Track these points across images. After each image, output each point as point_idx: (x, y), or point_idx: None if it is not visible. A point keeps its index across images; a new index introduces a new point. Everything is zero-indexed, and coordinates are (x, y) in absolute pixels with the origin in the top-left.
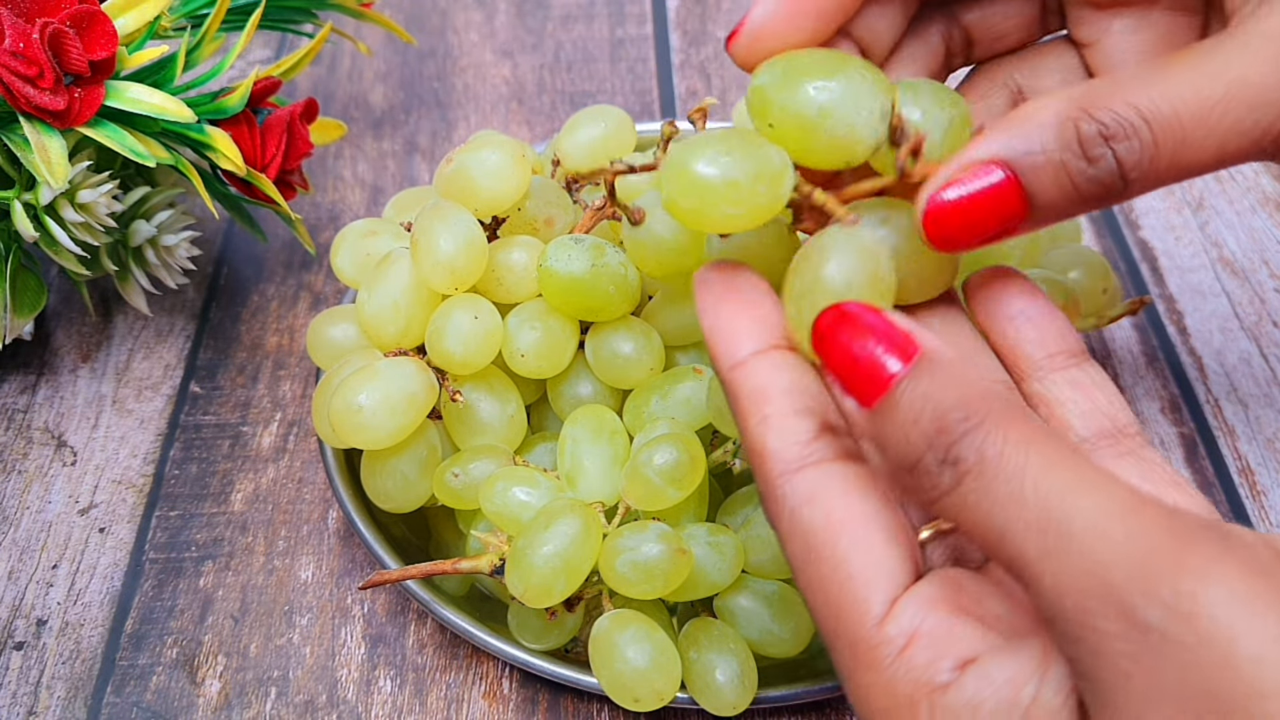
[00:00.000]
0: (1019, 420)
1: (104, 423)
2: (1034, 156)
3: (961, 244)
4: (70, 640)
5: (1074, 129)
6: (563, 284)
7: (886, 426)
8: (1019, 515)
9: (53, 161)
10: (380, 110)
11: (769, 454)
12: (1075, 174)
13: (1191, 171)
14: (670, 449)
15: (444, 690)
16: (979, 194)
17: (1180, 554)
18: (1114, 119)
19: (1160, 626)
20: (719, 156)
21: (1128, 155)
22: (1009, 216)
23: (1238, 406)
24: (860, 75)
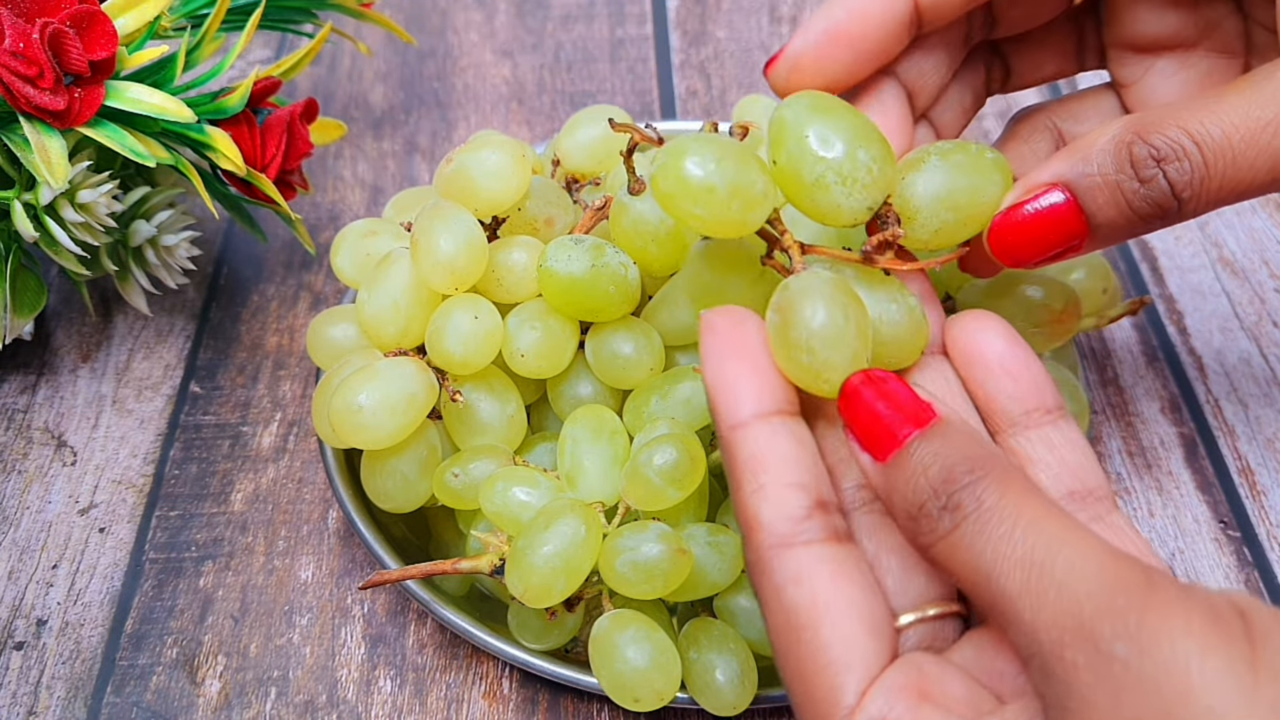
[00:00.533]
0: (1018, 479)
1: (104, 423)
2: (1091, 178)
3: (1025, 259)
4: (70, 640)
5: (1127, 152)
6: (562, 284)
7: (897, 478)
8: (1007, 555)
9: (53, 161)
10: (380, 110)
11: (760, 525)
12: (1129, 194)
13: (1247, 192)
14: (670, 449)
15: (444, 690)
16: (1040, 212)
17: (1146, 594)
18: (1164, 142)
19: (1124, 657)
20: (709, 160)
21: (1179, 176)
22: (1069, 234)
23: (1237, 406)
24: (869, 159)
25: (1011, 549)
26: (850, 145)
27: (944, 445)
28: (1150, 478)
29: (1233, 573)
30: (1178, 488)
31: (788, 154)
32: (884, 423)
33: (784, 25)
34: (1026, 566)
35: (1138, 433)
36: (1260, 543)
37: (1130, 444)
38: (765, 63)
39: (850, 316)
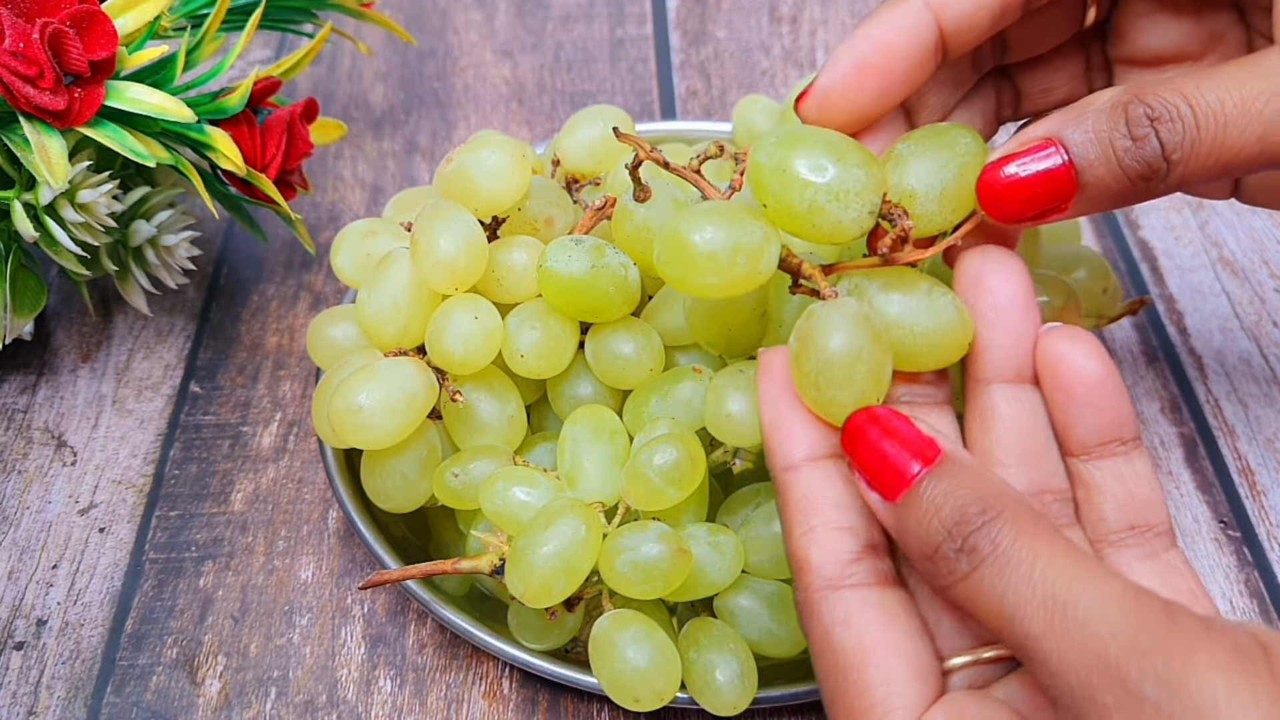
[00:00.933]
0: (1030, 517)
1: (104, 423)
2: (1085, 132)
3: (1012, 214)
4: (70, 640)
5: (1123, 110)
6: (562, 285)
7: (908, 518)
8: (1028, 598)
9: (53, 161)
10: (380, 110)
11: (810, 568)
12: (1120, 151)
13: (1234, 162)
14: (670, 449)
15: (444, 690)
16: (1031, 168)
17: (1169, 632)
18: (1159, 101)
19: (1154, 699)
20: (706, 227)
21: (1170, 136)
22: (1058, 193)
23: (1237, 406)
24: (851, 168)
25: (1032, 591)
26: (830, 163)
27: (954, 484)
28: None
29: (1233, 573)
30: (1178, 488)
31: (773, 194)
32: (891, 461)
33: (784, 25)
34: (1048, 608)
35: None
36: (1260, 543)
37: None
38: (795, 100)
39: (863, 353)
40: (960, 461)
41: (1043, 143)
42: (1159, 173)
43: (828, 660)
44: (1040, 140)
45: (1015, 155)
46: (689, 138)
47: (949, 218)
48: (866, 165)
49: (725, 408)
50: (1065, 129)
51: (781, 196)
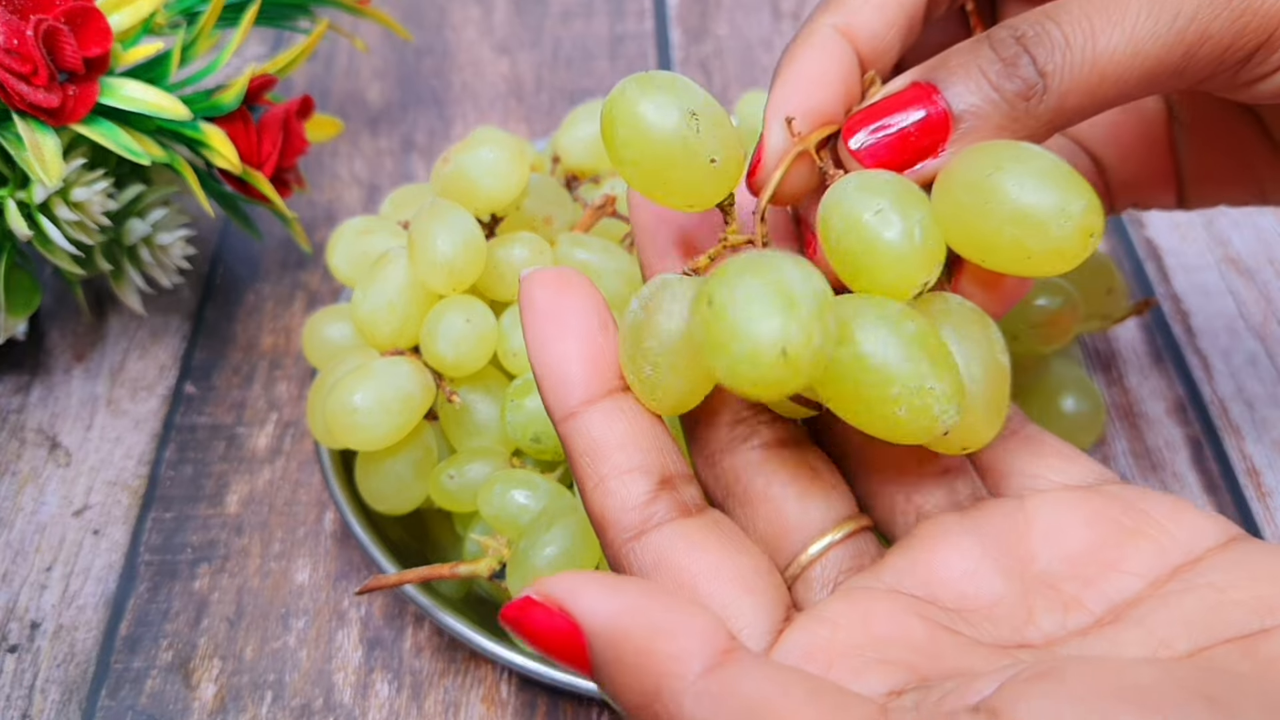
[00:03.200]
0: (699, 696)
1: (98, 423)
2: (951, 70)
3: (885, 165)
4: (64, 643)
5: (986, 39)
6: (646, 144)
7: None
8: None
9: (46, 159)
10: (377, 107)
11: (609, 522)
12: (991, 74)
13: (1114, 74)
14: None
15: (442, 694)
16: (904, 120)
17: None
18: (1023, 22)
19: None
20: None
21: (1040, 50)
22: (934, 136)
23: (1244, 407)
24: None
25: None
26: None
27: (611, 685)
28: (1156, 479)
29: None
30: (1184, 490)
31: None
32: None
33: (785, 21)
34: None
35: (1143, 434)
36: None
37: (1136, 445)
38: (747, 175)
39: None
40: (603, 656)
41: (912, 89)
42: (1035, 88)
43: None
44: (908, 87)
45: (884, 107)
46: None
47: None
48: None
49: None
50: (932, 71)
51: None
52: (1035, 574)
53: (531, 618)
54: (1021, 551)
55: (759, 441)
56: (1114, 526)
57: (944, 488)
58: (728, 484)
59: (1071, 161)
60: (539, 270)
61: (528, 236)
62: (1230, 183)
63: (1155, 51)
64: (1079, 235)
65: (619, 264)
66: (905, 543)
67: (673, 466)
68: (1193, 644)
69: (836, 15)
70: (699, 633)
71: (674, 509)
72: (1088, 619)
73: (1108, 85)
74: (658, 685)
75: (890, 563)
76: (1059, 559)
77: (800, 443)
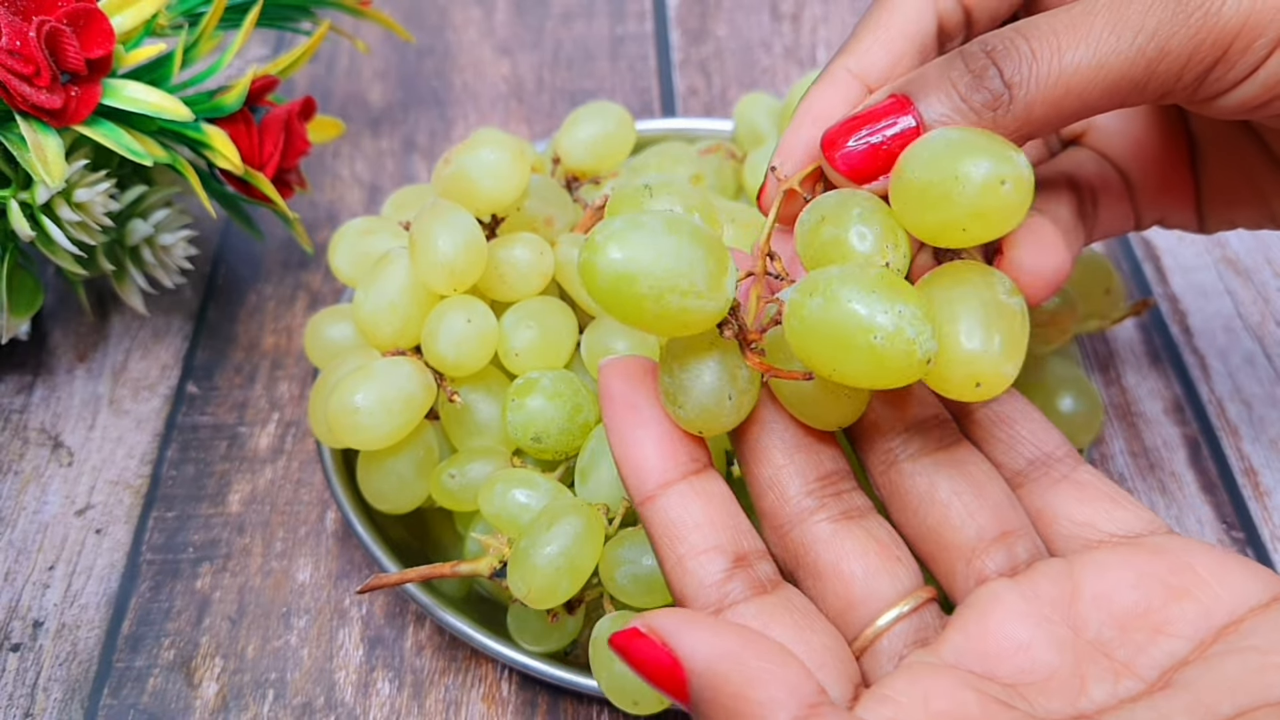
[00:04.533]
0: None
1: (100, 423)
2: (925, 82)
3: (861, 176)
4: (67, 642)
5: (959, 53)
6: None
7: None
8: None
9: (49, 160)
10: (378, 108)
11: (688, 600)
12: (961, 86)
13: (1079, 87)
14: None
15: (443, 693)
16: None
17: None
18: (994, 38)
19: None
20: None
21: (1007, 63)
22: (904, 138)
23: (1241, 407)
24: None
25: None
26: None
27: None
28: (1154, 479)
29: None
30: (1181, 489)
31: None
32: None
33: (785, 23)
34: None
35: (1141, 434)
36: (1264, 544)
37: (1134, 445)
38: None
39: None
40: (701, 695)
41: (889, 101)
42: (1001, 99)
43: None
44: (887, 101)
45: (863, 118)
46: (689, 136)
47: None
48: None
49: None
50: (909, 84)
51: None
52: (1087, 641)
53: (637, 648)
54: (1073, 618)
55: (827, 515)
56: (1160, 587)
57: (1004, 550)
58: (798, 556)
59: (1100, 176)
60: (616, 360)
61: (528, 237)
62: (1242, 203)
63: (1118, 66)
64: (989, 191)
65: None
66: (963, 614)
67: (747, 544)
68: (1236, 708)
69: (849, 58)
70: (789, 684)
71: (749, 587)
72: (1137, 685)
73: (1072, 98)
74: None
75: (950, 637)
76: (1108, 624)
77: (867, 514)
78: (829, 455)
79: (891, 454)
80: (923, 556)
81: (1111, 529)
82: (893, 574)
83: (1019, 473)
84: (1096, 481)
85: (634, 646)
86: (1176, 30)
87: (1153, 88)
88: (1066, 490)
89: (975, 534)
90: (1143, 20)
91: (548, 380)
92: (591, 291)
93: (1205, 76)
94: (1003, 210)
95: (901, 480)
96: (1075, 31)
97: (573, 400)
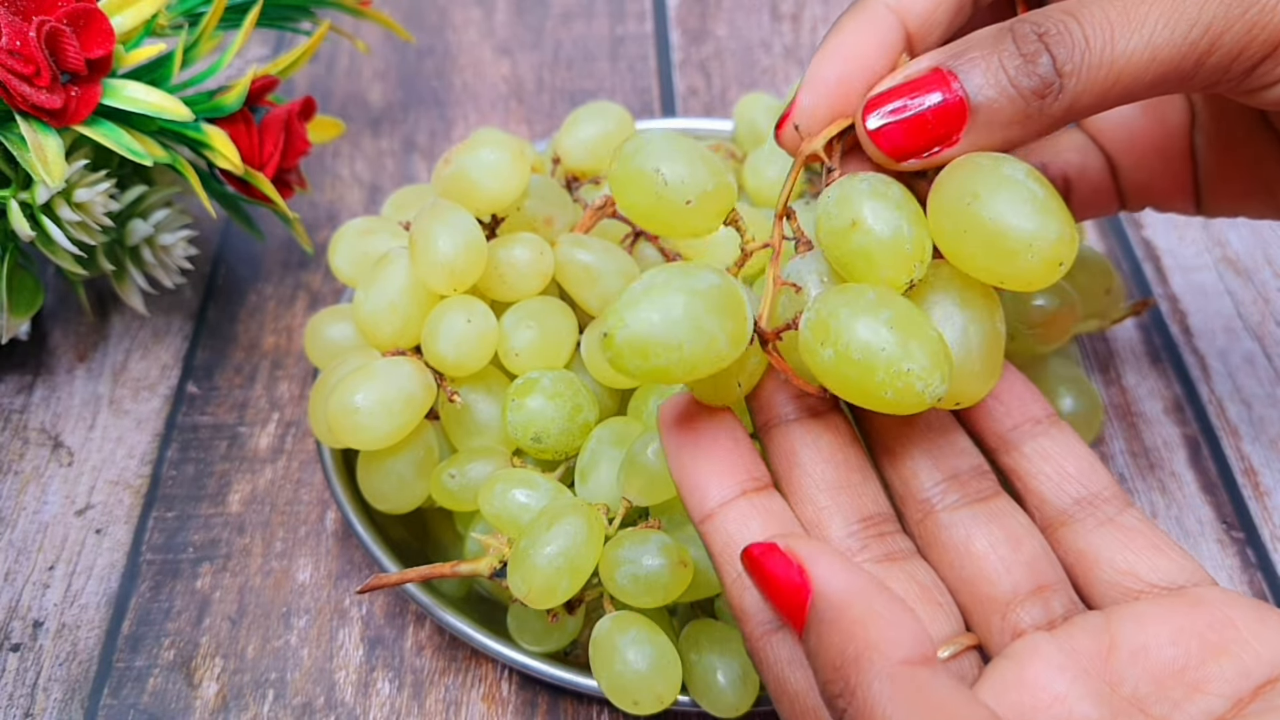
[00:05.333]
0: (890, 666)
1: (100, 423)
2: (972, 59)
3: (900, 152)
4: (67, 642)
5: (1009, 32)
6: (636, 203)
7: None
8: None
9: (49, 160)
10: (378, 108)
11: (748, 616)
12: (1011, 70)
13: (1129, 74)
14: None
15: (443, 693)
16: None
17: None
18: (1046, 19)
19: None
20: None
21: (1060, 49)
22: (949, 122)
23: (1241, 407)
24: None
25: None
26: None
27: (819, 642)
28: (1154, 479)
29: (1236, 574)
30: (1181, 489)
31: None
32: (781, 608)
33: (785, 23)
34: None
35: (1141, 434)
36: (1264, 544)
37: (1133, 445)
38: (775, 126)
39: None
40: (822, 614)
41: (932, 74)
42: (1052, 88)
43: (785, 704)
44: (927, 72)
45: (902, 89)
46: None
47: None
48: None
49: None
50: (952, 58)
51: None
52: (1124, 697)
53: (770, 560)
54: (1110, 673)
55: (870, 557)
56: (1199, 643)
57: (1040, 604)
58: None
59: (1085, 158)
60: (674, 397)
61: (528, 237)
62: (1248, 194)
63: (1169, 57)
64: (1046, 266)
65: (619, 264)
66: (1000, 665)
67: None
68: None
69: None
70: (910, 631)
71: None
72: None
73: (1119, 88)
74: (858, 654)
75: (987, 685)
76: (1146, 680)
77: (910, 557)
78: (871, 497)
79: (929, 504)
80: (958, 607)
81: (1153, 579)
82: (934, 619)
83: (1064, 511)
84: (1142, 527)
85: (767, 559)
86: (1231, 24)
87: (1199, 79)
88: (1111, 534)
89: (1011, 587)
90: (1199, 12)
91: (548, 380)
92: (620, 372)
93: (1253, 70)
94: (1047, 281)
95: (938, 531)
96: (1129, 20)
97: (573, 400)
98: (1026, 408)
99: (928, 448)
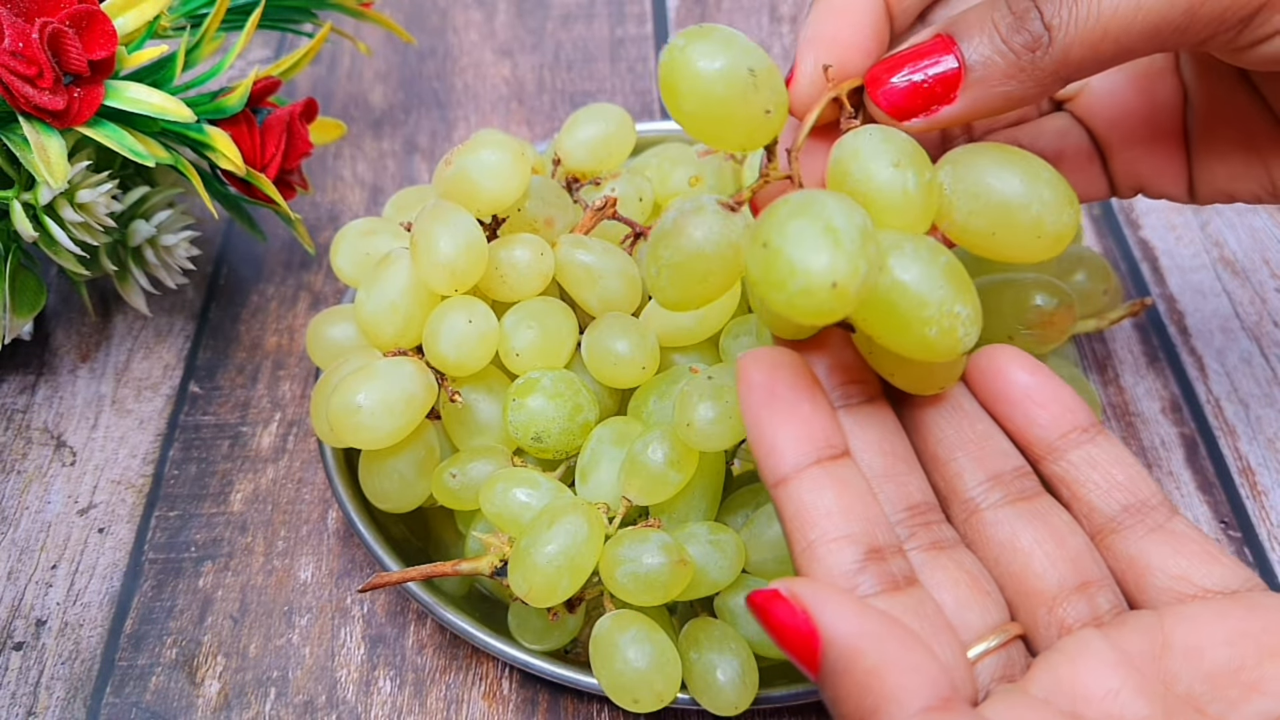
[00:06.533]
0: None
1: (103, 423)
2: (968, 22)
3: (904, 112)
4: (69, 641)
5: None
6: (707, 99)
7: None
8: None
9: (52, 161)
10: (380, 110)
11: None
12: (1004, 29)
13: (1118, 30)
14: (666, 439)
15: (444, 691)
16: (926, 71)
17: None
18: None
19: None
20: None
21: (1045, 3)
22: (948, 84)
23: (1238, 406)
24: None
25: None
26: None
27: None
28: (1152, 477)
29: None
30: (1178, 488)
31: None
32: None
33: (784, 25)
34: None
35: (1138, 433)
36: (1261, 543)
37: (1131, 444)
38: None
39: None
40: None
41: (934, 40)
42: (1040, 41)
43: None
44: (932, 40)
45: (908, 56)
46: (689, 138)
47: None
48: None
49: (686, 416)
50: (952, 25)
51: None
52: (1178, 695)
53: (776, 609)
54: (1163, 671)
55: (917, 545)
56: (1254, 645)
57: (1085, 600)
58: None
59: (1068, 137)
60: (756, 351)
61: (529, 238)
62: (1241, 175)
63: (1159, 8)
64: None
65: (619, 265)
66: (1049, 658)
67: (882, 537)
68: None
69: None
70: (926, 674)
71: (881, 581)
72: None
73: (1110, 40)
74: (876, 707)
75: (1036, 676)
76: (1200, 679)
77: (955, 546)
78: (917, 486)
79: (973, 503)
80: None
81: (1207, 584)
82: (982, 607)
83: (1112, 519)
84: (1192, 533)
85: (772, 608)
86: None
87: (1194, 31)
88: (1162, 540)
89: (1057, 582)
90: None
91: (548, 380)
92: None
93: (1248, 23)
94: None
95: (983, 528)
96: None
97: (573, 400)
98: (1073, 416)
99: (971, 450)
